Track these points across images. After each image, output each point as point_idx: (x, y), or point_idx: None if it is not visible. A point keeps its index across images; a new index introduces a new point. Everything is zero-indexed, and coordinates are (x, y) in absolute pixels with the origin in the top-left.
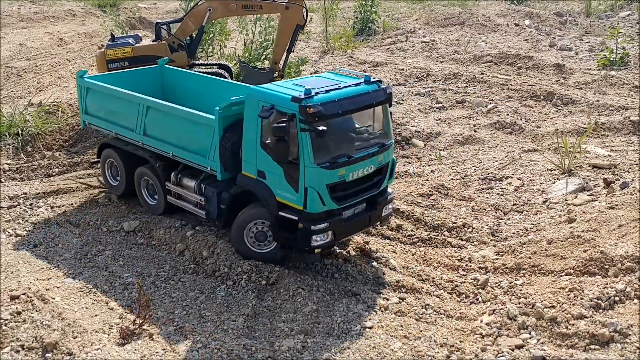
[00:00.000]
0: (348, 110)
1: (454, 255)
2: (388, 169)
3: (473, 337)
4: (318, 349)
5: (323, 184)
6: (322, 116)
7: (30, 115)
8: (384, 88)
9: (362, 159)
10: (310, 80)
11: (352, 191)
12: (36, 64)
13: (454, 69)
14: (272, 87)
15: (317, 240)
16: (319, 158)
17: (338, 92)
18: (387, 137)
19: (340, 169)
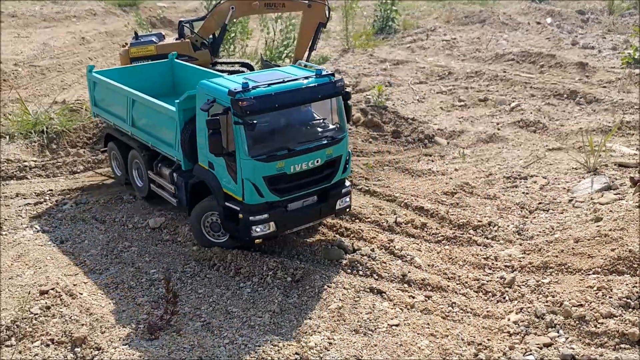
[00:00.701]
0: (285, 104)
1: (480, 254)
2: (341, 162)
3: (501, 336)
4: (345, 346)
5: (259, 176)
6: (254, 110)
7: (55, 113)
8: (333, 81)
9: (305, 152)
10: (260, 75)
11: (297, 184)
12: (59, 63)
13: (476, 67)
14: (217, 81)
15: (257, 231)
16: (254, 151)
17: (278, 86)
18: (340, 131)
19: (278, 162)
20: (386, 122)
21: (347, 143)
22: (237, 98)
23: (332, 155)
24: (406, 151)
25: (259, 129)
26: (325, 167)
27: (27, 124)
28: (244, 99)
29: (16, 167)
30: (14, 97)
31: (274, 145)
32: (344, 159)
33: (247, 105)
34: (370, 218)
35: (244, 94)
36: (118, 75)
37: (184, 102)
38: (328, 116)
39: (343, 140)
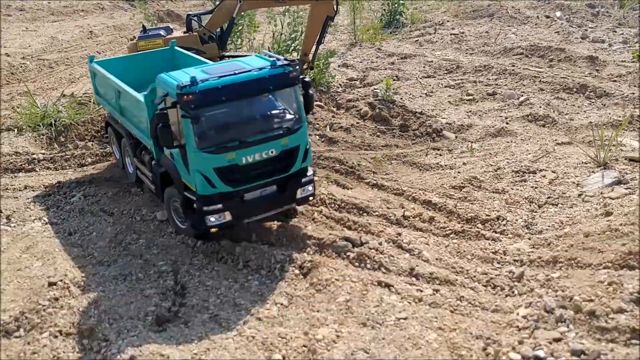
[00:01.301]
0: (232, 97)
1: (488, 248)
2: (299, 152)
3: (509, 330)
4: (352, 339)
5: (210, 168)
6: (199, 104)
7: (63, 106)
8: (287, 72)
9: (258, 142)
10: (216, 67)
11: (251, 174)
12: (67, 57)
13: (484, 61)
14: (174, 74)
15: (211, 221)
16: (203, 143)
17: (227, 78)
18: (297, 121)
19: (228, 153)
20: (394, 116)
21: (306, 133)
22: (182, 92)
23: (288, 146)
24: (414, 145)
25: (209, 121)
26: (281, 157)
27: (35, 117)
28: (189, 93)
29: (25, 159)
30: (22, 90)
31: (225, 137)
32: (302, 148)
33: (192, 100)
34: (378, 211)
35: (190, 88)
36: (119, 65)
37: (150, 94)
38: (283, 106)
39: (301, 130)
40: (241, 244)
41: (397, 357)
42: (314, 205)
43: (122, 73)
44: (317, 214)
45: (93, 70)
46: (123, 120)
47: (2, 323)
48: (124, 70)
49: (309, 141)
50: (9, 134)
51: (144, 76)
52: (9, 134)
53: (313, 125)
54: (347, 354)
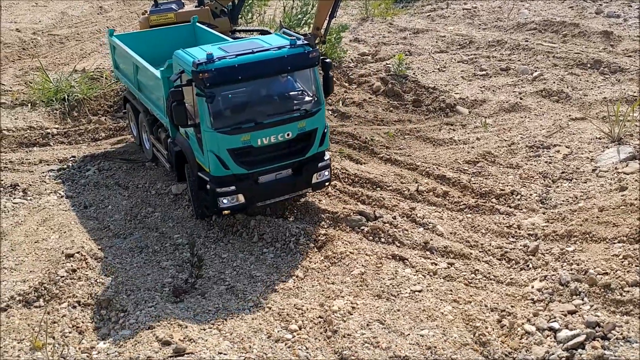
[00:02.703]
0: (249, 76)
1: (503, 222)
2: (317, 135)
3: (524, 303)
4: (367, 310)
5: (224, 149)
6: (215, 82)
7: (75, 81)
8: (306, 52)
9: (274, 125)
10: (234, 45)
11: (266, 157)
12: (78, 32)
13: (497, 36)
14: (191, 51)
15: (224, 202)
16: (218, 123)
17: (244, 57)
18: (316, 103)
19: (243, 135)
20: (406, 92)
21: (324, 116)
22: (198, 70)
23: (305, 129)
24: (427, 120)
25: (224, 100)
26: (298, 140)
27: (48, 92)
28: (205, 71)
29: (39, 134)
30: (35, 65)
31: (240, 117)
32: (320, 132)
33: (207, 78)
34: (391, 186)
35: (206, 66)
36: (139, 40)
37: (166, 70)
38: (301, 88)
39: (319, 113)
40: (256, 218)
41: (412, 328)
42: None
43: (142, 48)
44: (331, 188)
45: (113, 44)
46: (140, 96)
47: (22, 293)
48: (144, 45)
49: (326, 124)
50: (22, 108)
51: (164, 52)
52: (23, 108)
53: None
54: (363, 325)
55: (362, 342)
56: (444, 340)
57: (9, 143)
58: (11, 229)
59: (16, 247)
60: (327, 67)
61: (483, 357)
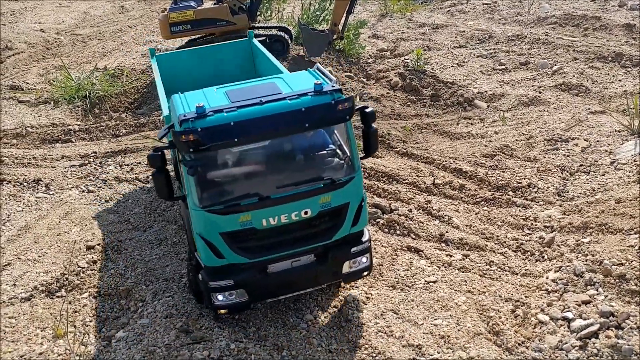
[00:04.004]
0: (252, 137)
1: (519, 215)
2: (349, 212)
3: (538, 293)
4: (382, 300)
5: (215, 232)
6: (200, 146)
7: (97, 79)
8: (334, 102)
9: (284, 200)
10: (239, 89)
11: (275, 241)
12: (100, 31)
13: (517, 30)
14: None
15: (219, 300)
16: (207, 199)
17: (249, 110)
18: (346, 169)
19: (241, 214)
20: (425, 86)
21: (360, 186)
22: (180, 130)
23: (330, 205)
24: (445, 114)
25: (215, 170)
26: (321, 219)
27: (70, 90)
28: (189, 131)
29: (61, 130)
30: (57, 64)
31: (238, 191)
32: (353, 208)
33: (192, 141)
34: (407, 179)
35: (193, 124)
36: (187, 58)
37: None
38: (332, 147)
39: (352, 183)
40: None
41: (426, 318)
42: None
43: (191, 68)
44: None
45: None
46: None
47: (45, 283)
48: (192, 64)
49: (364, 195)
50: (45, 106)
51: (218, 72)
52: (46, 106)
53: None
54: (377, 314)
55: (376, 331)
56: (457, 329)
57: (32, 139)
58: (34, 222)
59: (39, 239)
60: (367, 118)
61: (496, 346)
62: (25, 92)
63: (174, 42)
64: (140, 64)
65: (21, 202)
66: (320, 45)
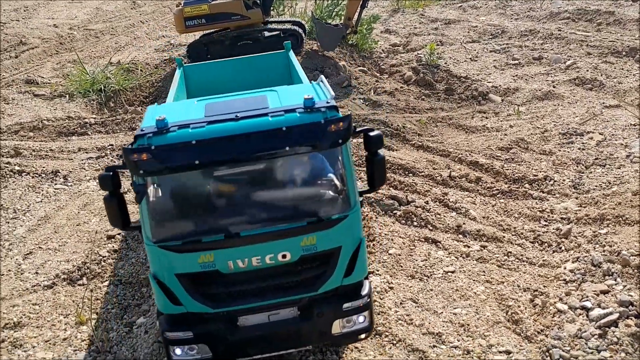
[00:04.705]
0: (216, 160)
1: (536, 207)
2: (340, 258)
3: (556, 283)
4: (401, 289)
5: (171, 274)
6: (152, 169)
7: (111, 73)
8: (325, 122)
9: (258, 239)
10: (220, 102)
11: (248, 289)
12: (112, 26)
13: (530, 26)
14: (166, 107)
15: (177, 354)
16: (160, 233)
17: (217, 127)
18: (338, 205)
19: (202, 254)
20: (438, 81)
21: (356, 227)
22: (130, 148)
23: (315, 248)
24: (459, 108)
25: (171, 197)
26: (304, 266)
27: (85, 84)
28: (140, 150)
29: (77, 123)
30: (71, 58)
31: (200, 224)
32: (346, 253)
33: (143, 161)
34: (424, 172)
35: (149, 140)
36: (217, 69)
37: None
38: (323, 176)
39: (345, 223)
40: None
41: (445, 307)
42: (359, 165)
43: (223, 80)
44: (364, 174)
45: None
46: None
47: (66, 272)
48: (224, 76)
49: (363, 239)
50: (61, 99)
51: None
52: (61, 99)
53: (357, 90)
54: (397, 303)
55: (396, 319)
56: (476, 318)
57: (48, 132)
58: (54, 213)
59: (59, 229)
60: (372, 143)
61: (515, 334)
62: (40, 86)
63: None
64: (153, 58)
65: (40, 193)
66: (334, 40)
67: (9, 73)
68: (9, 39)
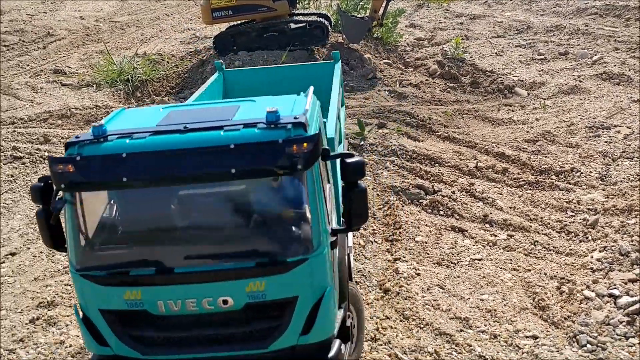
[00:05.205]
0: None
1: (562, 198)
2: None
3: (584, 272)
4: (428, 276)
5: (95, 308)
6: (73, 184)
7: (138, 64)
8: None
9: (194, 278)
10: (189, 111)
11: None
12: (137, 19)
13: (556, 21)
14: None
15: None
16: (83, 260)
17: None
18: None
19: (128, 289)
20: (464, 74)
21: (320, 273)
22: (55, 157)
23: (264, 296)
24: (485, 101)
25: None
26: (250, 315)
27: (112, 73)
28: (65, 160)
29: (104, 112)
30: (98, 49)
31: (128, 254)
32: (304, 305)
33: (67, 174)
34: (450, 162)
35: (79, 149)
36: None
37: None
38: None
39: (304, 268)
40: None
41: (472, 293)
42: (385, 155)
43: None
44: (390, 164)
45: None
46: None
47: None
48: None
49: (329, 289)
50: (88, 89)
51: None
52: (88, 89)
53: (382, 82)
54: (424, 288)
55: (423, 304)
56: (503, 304)
57: (76, 120)
58: None
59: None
60: (351, 172)
61: (542, 320)
62: (68, 75)
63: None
64: (179, 50)
65: None
66: (359, 32)
67: (37, 63)
68: (37, 30)
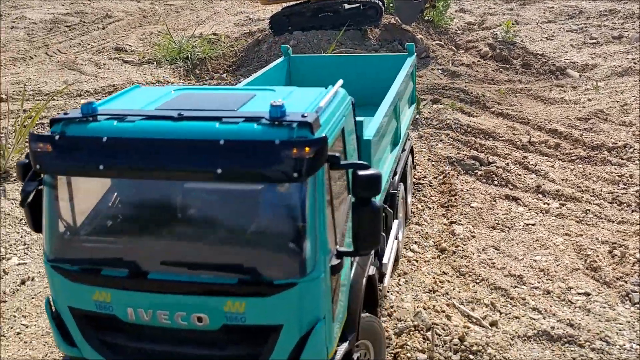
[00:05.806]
0: (128, 169)
1: (614, 172)
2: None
3: (635, 238)
4: (484, 238)
5: (64, 304)
6: (47, 165)
7: (196, 43)
8: (286, 142)
9: (169, 287)
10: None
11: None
12: (192, 2)
13: (610, 6)
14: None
15: None
16: (56, 249)
17: (152, 124)
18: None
19: (97, 290)
20: (515, 57)
21: (314, 302)
22: (36, 134)
23: (244, 319)
24: (537, 82)
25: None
26: (228, 337)
27: (172, 51)
28: (44, 138)
29: None
30: (155, 30)
31: (100, 250)
32: (290, 336)
33: (44, 153)
34: (504, 137)
35: (64, 127)
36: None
37: None
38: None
39: (290, 293)
40: None
41: (525, 254)
42: (440, 128)
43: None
44: (445, 136)
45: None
46: None
47: None
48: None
49: (322, 322)
50: (149, 65)
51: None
52: (149, 66)
53: (435, 61)
54: (479, 249)
55: (479, 262)
56: (556, 265)
57: None
58: None
59: None
60: (361, 187)
61: (594, 280)
62: (129, 53)
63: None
64: (234, 32)
65: None
66: (412, 13)
67: (98, 42)
68: (96, 12)
